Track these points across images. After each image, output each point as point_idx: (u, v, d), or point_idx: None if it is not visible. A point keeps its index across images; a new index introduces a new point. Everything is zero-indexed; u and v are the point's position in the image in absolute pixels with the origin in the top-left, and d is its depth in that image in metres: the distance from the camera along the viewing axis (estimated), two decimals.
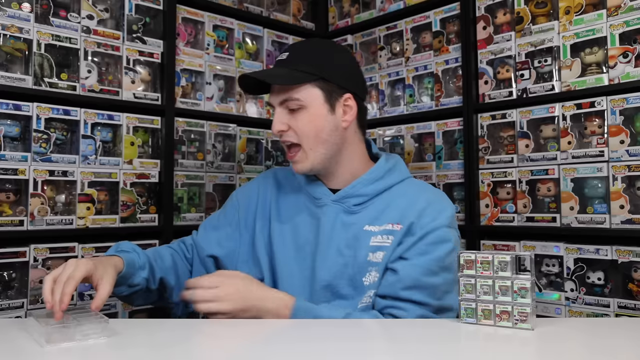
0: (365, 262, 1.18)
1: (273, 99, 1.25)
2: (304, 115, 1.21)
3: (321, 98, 1.22)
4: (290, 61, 1.23)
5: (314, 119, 1.21)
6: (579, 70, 1.73)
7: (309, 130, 1.21)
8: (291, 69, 1.21)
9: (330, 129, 1.23)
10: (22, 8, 1.64)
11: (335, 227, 1.22)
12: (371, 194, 1.24)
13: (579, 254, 1.68)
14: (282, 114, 1.23)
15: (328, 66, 1.23)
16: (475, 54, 1.97)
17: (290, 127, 1.23)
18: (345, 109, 1.24)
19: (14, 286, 1.61)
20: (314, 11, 2.50)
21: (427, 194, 1.25)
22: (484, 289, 0.98)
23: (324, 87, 1.22)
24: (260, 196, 1.37)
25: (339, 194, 1.25)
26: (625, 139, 1.63)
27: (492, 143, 1.91)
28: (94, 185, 1.76)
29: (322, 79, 1.21)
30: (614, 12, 1.67)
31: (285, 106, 1.23)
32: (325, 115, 1.22)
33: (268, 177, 1.42)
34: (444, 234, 1.18)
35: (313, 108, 1.21)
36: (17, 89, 1.62)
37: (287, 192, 1.35)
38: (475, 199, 1.92)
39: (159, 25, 1.95)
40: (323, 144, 1.23)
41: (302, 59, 1.23)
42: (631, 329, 1.04)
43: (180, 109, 1.98)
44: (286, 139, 1.24)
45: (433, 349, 0.89)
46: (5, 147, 1.60)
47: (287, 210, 1.32)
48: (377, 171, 1.27)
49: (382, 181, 1.25)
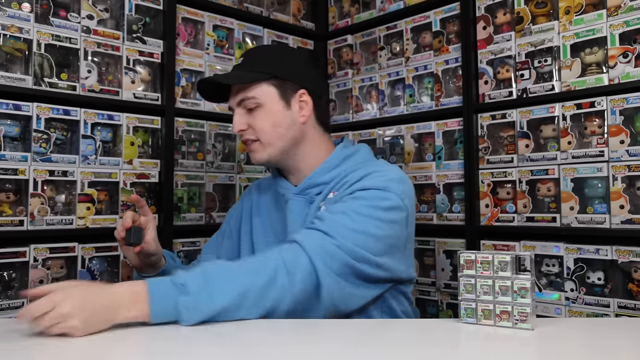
0: None
1: (231, 101, 1.33)
2: (260, 112, 1.29)
3: (276, 95, 1.29)
4: (243, 65, 1.32)
5: (270, 115, 1.29)
6: (579, 70, 1.73)
7: (266, 126, 1.29)
8: (245, 70, 1.30)
9: (288, 123, 1.30)
10: (22, 8, 1.64)
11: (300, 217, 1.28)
12: (329, 180, 1.28)
13: (579, 254, 1.68)
14: (241, 114, 1.31)
15: (279, 65, 1.31)
16: (475, 54, 1.97)
17: (249, 126, 1.30)
18: (301, 104, 1.32)
19: (14, 286, 1.62)
20: (314, 11, 2.50)
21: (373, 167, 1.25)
22: (484, 289, 0.98)
23: (277, 85, 1.29)
24: (244, 204, 1.49)
25: (299, 187, 1.32)
26: (625, 139, 1.63)
27: (492, 143, 1.91)
28: (94, 185, 1.76)
29: (275, 77, 1.29)
30: (614, 12, 1.67)
31: (243, 106, 1.30)
32: (281, 111, 1.30)
33: (253, 186, 1.54)
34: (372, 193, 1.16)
35: (269, 105, 1.29)
36: (17, 89, 1.62)
37: (265, 194, 1.45)
38: (475, 199, 1.92)
39: (159, 25, 1.95)
40: (281, 138, 1.30)
41: (254, 61, 1.32)
42: (631, 329, 1.04)
43: (180, 109, 1.98)
44: (247, 137, 1.32)
45: (433, 349, 0.89)
46: (5, 147, 1.60)
47: (264, 208, 1.42)
48: (334, 159, 1.32)
49: (339, 168, 1.29)
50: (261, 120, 1.29)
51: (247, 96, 1.29)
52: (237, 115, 1.31)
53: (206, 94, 1.42)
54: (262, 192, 1.46)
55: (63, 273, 1.70)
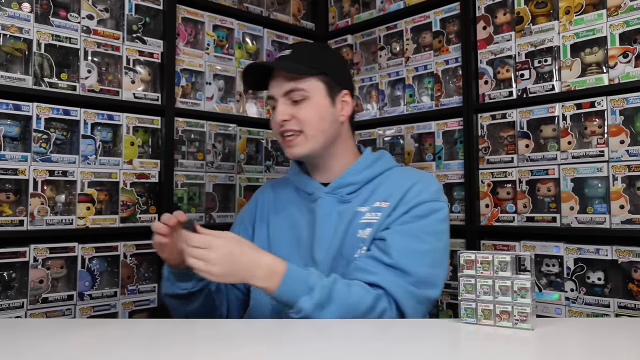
0: (356, 239, 1.23)
1: (276, 90, 1.30)
2: (307, 104, 1.28)
3: (323, 91, 1.29)
4: (292, 57, 1.30)
5: (317, 108, 1.28)
6: (579, 70, 1.73)
7: (312, 118, 1.28)
8: (297, 62, 1.29)
9: (331, 120, 1.30)
10: (22, 8, 1.64)
11: (332, 217, 1.27)
12: (361, 181, 1.30)
13: (579, 254, 1.68)
14: (286, 105, 1.28)
15: (328, 63, 1.32)
16: (475, 54, 1.97)
17: (293, 117, 1.28)
18: (343, 104, 1.33)
19: (14, 286, 1.62)
20: (314, 11, 2.50)
21: (414, 175, 1.32)
22: (484, 289, 0.98)
23: (325, 81, 1.30)
24: (258, 205, 1.45)
25: (331, 186, 1.31)
26: (625, 139, 1.63)
27: (492, 143, 1.91)
28: (94, 185, 1.76)
29: (324, 73, 1.29)
30: (614, 12, 1.67)
31: (288, 97, 1.28)
32: (327, 107, 1.30)
33: (267, 186, 1.50)
34: (430, 206, 1.23)
35: (316, 99, 1.28)
36: (17, 89, 1.62)
37: (283, 195, 1.42)
38: (475, 199, 1.92)
39: (159, 25, 1.95)
40: (323, 133, 1.29)
41: (304, 56, 1.31)
42: (631, 329, 1.04)
43: (180, 109, 1.98)
44: (288, 127, 1.28)
45: (433, 349, 0.89)
46: (5, 147, 1.60)
47: (284, 210, 1.38)
48: (365, 160, 1.34)
49: (371, 169, 1.32)
50: (307, 111, 1.27)
51: (297, 87, 1.27)
52: (281, 105, 1.29)
53: (247, 79, 1.39)
54: (279, 191, 1.43)
55: (63, 273, 1.70)
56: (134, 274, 1.84)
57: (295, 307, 1.08)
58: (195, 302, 1.28)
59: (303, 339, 0.97)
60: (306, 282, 1.10)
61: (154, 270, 1.90)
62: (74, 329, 1.04)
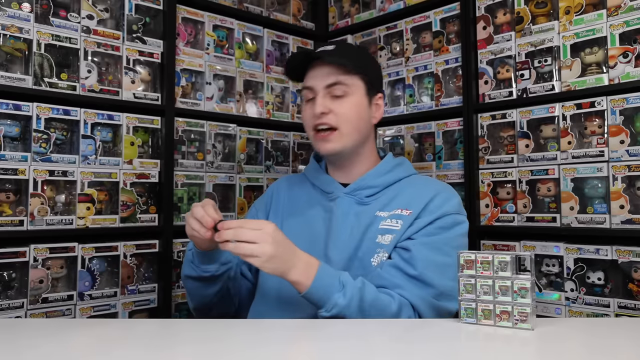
0: (374, 244, 1.23)
1: (318, 82, 1.29)
2: (347, 101, 1.28)
3: (363, 90, 1.31)
4: (337, 52, 1.30)
5: (356, 106, 1.29)
6: (579, 70, 1.73)
7: (351, 115, 1.28)
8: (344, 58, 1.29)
9: (366, 120, 1.32)
10: (22, 8, 1.64)
11: (349, 217, 1.27)
12: (381, 185, 1.30)
13: (579, 254, 1.68)
14: (325, 98, 1.28)
15: (369, 64, 1.35)
16: (475, 54, 1.97)
17: (331, 111, 1.27)
18: (376, 107, 1.35)
19: (14, 286, 1.61)
20: (314, 11, 2.50)
21: (435, 185, 1.33)
22: (484, 289, 0.98)
23: (366, 81, 1.31)
24: (274, 198, 1.44)
25: (350, 187, 1.31)
26: (625, 139, 1.63)
27: (492, 143, 1.91)
28: (94, 185, 1.76)
29: (365, 73, 1.31)
30: (614, 12, 1.67)
31: (329, 91, 1.28)
32: (365, 106, 1.31)
33: (281, 181, 1.49)
34: (453, 219, 1.24)
35: (356, 97, 1.29)
36: (17, 89, 1.62)
37: (299, 191, 1.41)
38: (475, 199, 1.92)
39: (159, 25, 1.95)
40: (358, 132, 1.30)
41: (349, 53, 1.33)
42: (631, 329, 1.04)
43: (180, 109, 1.98)
44: (325, 121, 1.27)
45: (433, 349, 0.89)
46: (5, 147, 1.60)
47: (299, 206, 1.37)
48: (386, 164, 1.35)
49: (391, 174, 1.32)
50: (346, 107, 1.28)
51: (341, 81, 1.27)
52: (320, 97, 1.28)
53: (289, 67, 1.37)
54: (294, 189, 1.42)
55: (63, 273, 1.70)
56: (134, 274, 1.84)
57: (328, 304, 1.08)
58: (214, 286, 1.28)
59: (303, 339, 0.97)
60: (338, 279, 1.11)
61: (154, 270, 1.91)
62: (74, 329, 1.04)
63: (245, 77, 2.18)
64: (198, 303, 1.33)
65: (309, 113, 1.31)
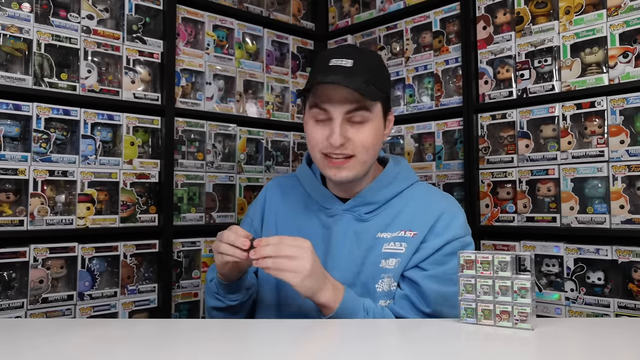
0: (377, 268, 1.17)
1: (337, 107, 1.13)
2: (366, 128, 1.15)
3: (381, 113, 1.18)
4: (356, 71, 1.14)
5: (374, 133, 1.16)
6: (579, 70, 1.73)
7: (369, 144, 1.16)
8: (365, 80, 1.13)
9: (380, 142, 1.20)
10: (22, 8, 1.64)
11: (348, 236, 1.21)
12: (381, 201, 1.22)
13: (579, 254, 1.68)
14: (344, 126, 1.14)
15: (388, 82, 1.23)
16: (475, 54, 1.97)
17: (348, 140, 1.14)
18: (388, 123, 1.23)
19: (14, 286, 1.62)
20: (314, 11, 2.50)
21: (438, 200, 1.24)
22: (484, 289, 0.97)
23: (384, 103, 1.19)
24: (266, 205, 1.35)
25: (349, 203, 1.23)
26: (625, 139, 1.63)
27: (492, 143, 1.91)
28: (94, 185, 1.76)
29: (386, 93, 1.20)
30: (614, 12, 1.67)
31: (348, 117, 1.14)
32: (380, 130, 1.19)
33: (275, 187, 1.38)
34: (461, 243, 1.19)
35: (375, 122, 1.16)
36: (17, 89, 1.62)
37: (294, 201, 1.31)
38: (475, 199, 1.92)
39: (159, 25, 1.95)
40: (373, 157, 1.20)
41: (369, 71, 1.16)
42: (631, 329, 1.04)
43: (180, 109, 1.98)
44: (344, 152, 1.15)
45: (433, 349, 0.89)
46: (5, 147, 1.60)
47: (295, 219, 1.28)
48: (387, 176, 1.25)
49: (391, 187, 1.24)
50: (366, 136, 1.14)
51: (364, 107, 1.13)
52: (338, 126, 1.12)
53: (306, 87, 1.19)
54: (287, 196, 1.33)
55: (63, 273, 1.70)
56: (134, 274, 1.84)
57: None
58: (242, 313, 1.25)
59: (302, 338, 0.97)
60: (362, 302, 1.10)
61: (154, 270, 1.91)
62: (74, 329, 1.04)
63: (245, 77, 2.18)
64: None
65: (319, 136, 1.15)
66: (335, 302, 1.06)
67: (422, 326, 1.07)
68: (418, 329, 1.04)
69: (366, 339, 0.95)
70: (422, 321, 1.13)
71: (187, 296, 1.98)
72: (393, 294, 1.17)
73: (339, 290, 1.08)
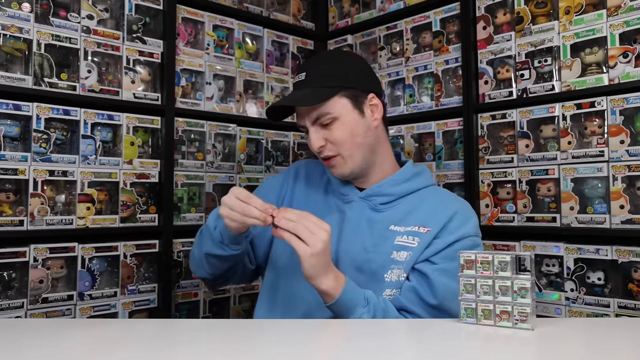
0: (388, 259, 1.21)
1: (305, 120, 1.27)
2: (337, 126, 1.25)
3: (349, 105, 1.26)
4: (309, 81, 1.27)
5: (347, 126, 1.25)
6: (579, 70, 1.73)
7: (345, 138, 1.25)
8: (314, 87, 1.25)
9: (364, 131, 1.27)
10: (22, 8, 1.64)
11: (361, 223, 1.26)
12: (397, 194, 1.28)
13: (579, 254, 1.68)
14: (317, 131, 1.26)
15: (345, 74, 1.28)
16: (475, 54, 1.97)
17: (327, 141, 1.26)
18: (372, 108, 1.30)
19: (14, 286, 1.62)
20: (314, 11, 2.50)
21: (454, 202, 1.30)
22: (484, 289, 0.98)
23: (348, 95, 1.26)
24: (289, 187, 1.41)
25: (365, 192, 1.29)
26: (625, 139, 1.63)
27: (492, 143, 1.91)
28: (94, 185, 1.76)
29: (345, 87, 1.26)
30: (614, 12, 1.67)
31: (318, 123, 1.26)
32: (357, 120, 1.26)
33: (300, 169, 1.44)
34: (472, 241, 1.23)
35: (344, 117, 1.25)
36: (17, 89, 1.62)
37: (314, 186, 1.39)
38: (475, 199, 1.91)
39: (159, 25, 1.95)
40: (359, 148, 1.27)
41: (320, 76, 1.27)
42: (631, 329, 1.04)
43: (180, 109, 1.98)
44: (327, 153, 1.27)
45: (433, 349, 0.89)
46: (5, 147, 1.60)
47: (313, 203, 1.35)
48: (405, 173, 1.31)
49: (409, 183, 1.30)
50: (339, 133, 1.25)
51: (322, 112, 1.24)
52: (312, 132, 1.26)
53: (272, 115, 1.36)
54: (310, 185, 1.40)
55: (63, 273, 1.70)
56: (134, 274, 1.84)
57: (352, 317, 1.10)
58: (233, 262, 1.29)
59: (302, 339, 0.97)
60: (364, 295, 1.13)
61: (153, 270, 1.91)
62: (74, 329, 1.04)
63: (245, 77, 2.18)
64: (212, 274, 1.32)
65: (309, 144, 1.29)
66: (336, 290, 1.10)
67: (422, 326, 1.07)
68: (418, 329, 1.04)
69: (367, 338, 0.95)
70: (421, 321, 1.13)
71: (187, 296, 1.98)
72: (400, 285, 1.20)
73: (340, 279, 1.12)
